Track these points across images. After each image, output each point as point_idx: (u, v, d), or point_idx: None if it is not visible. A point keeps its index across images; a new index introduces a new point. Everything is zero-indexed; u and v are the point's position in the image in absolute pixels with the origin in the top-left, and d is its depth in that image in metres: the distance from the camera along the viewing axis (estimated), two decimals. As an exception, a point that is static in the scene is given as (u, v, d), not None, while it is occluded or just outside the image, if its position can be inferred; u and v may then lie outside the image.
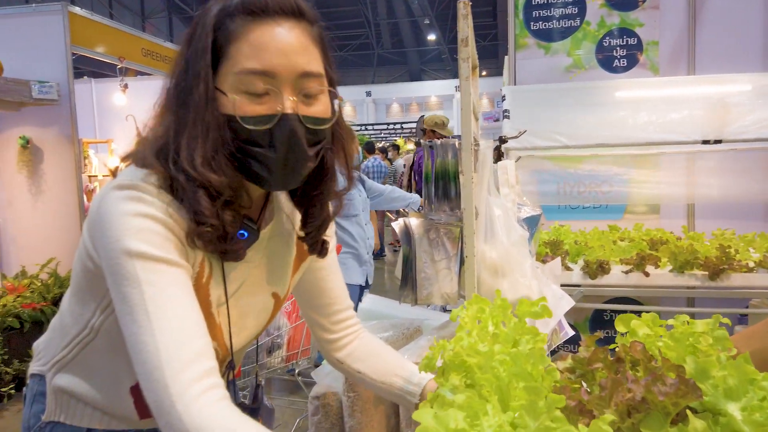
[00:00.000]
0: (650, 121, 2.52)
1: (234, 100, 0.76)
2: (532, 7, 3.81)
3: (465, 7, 1.14)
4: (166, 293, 0.73)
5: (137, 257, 0.73)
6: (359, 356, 1.08)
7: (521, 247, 1.22)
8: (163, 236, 0.76)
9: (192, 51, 0.78)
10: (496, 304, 0.91)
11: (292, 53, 0.78)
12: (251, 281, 0.93)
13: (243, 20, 0.77)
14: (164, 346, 0.70)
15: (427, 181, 1.25)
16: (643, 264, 2.62)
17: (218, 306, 0.87)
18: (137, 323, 0.72)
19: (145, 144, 0.82)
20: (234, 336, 0.91)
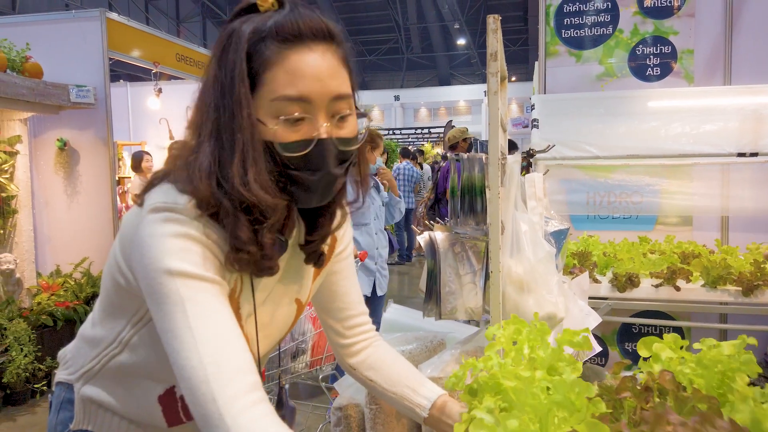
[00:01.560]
0: (683, 132, 2.47)
1: (274, 130, 0.78)
2: (564, 14, 3.77)
3: (495, 21, 1.14)
4: (208, 310, 0.75)
5: (178, 276, 0.75)
6: (372, 364, 1.09)
7: (548, 263, 1.21)
8: (202, 255, 0.78)
9: (227, 75, 0.79)
10: (533, 327, 0.90)
11: (326, 78, 0.80)
12: (276, 290, 0.95)
13: (277, 46, 0.78)
14: (210, 361, 0.72)
15: (453, 194, 1.24)
16: (674, 278, 2.56)
17: (247, 317, 0.90)
18: (180, 340, 0.74)
19: (183, 166, 0.82)
20: (260, 344, 0.93)
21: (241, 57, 0.78)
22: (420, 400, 1.02)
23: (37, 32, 4.42)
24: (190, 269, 0.76)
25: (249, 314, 0.90)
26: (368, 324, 1.13)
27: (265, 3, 0.81)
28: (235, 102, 0.77)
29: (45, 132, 4.53)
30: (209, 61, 0.83)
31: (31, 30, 4.46)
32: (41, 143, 4.55)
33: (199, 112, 0.82)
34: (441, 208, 5.54)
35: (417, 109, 27.89)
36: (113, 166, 4.56)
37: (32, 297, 4.22)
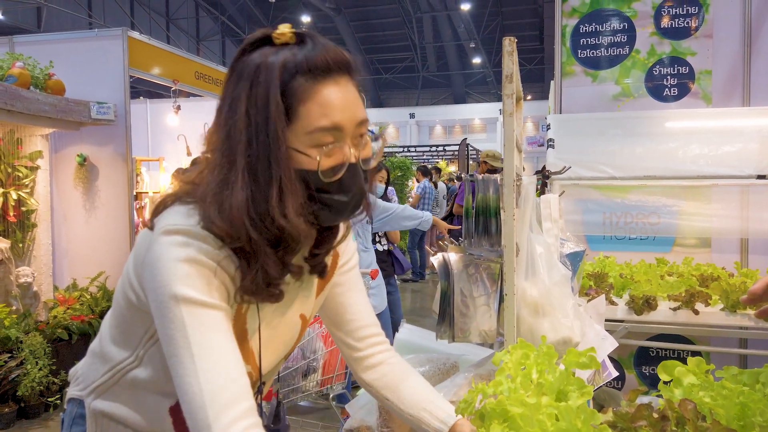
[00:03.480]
0: (702, 154, 2.44)
1: (318, 159, 0.82)
2: (580, 34, 3.78)
3: (510, 43, 1.14)
4: (209, 338, 0.79)
5: (183, 302, 0.79)
6: (388, 383, 1.09)
7: (563, 286, 1.19)
8: (208, 281, 0.81)
9: (259, 111, 0.81)
10: (541, 351, 0.89)
11: (352, 106, 0.85)
12: (281, 306, 0.97)
13: (307, 81, 0.82)
14: (207, 388, 0.77)
15: (467, 215, 1.24)
16: (693, 301, 2.51)
17: (252, 334, 0.92)
18: (183, 365, 0.78)
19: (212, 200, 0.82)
20: (264, 359, 0.95)
21: (275, 93, 0.81)
22: (437, 425, 1.02)
23: (60, 50, 4.53)
24: (196, 296, 0.80)
25: (255, 330, 0.92)
26: (380, 336, 1.13)
27: (282, 36, 0.84)
28: (272, 138, 0.80)
29: (65, 147, 4.61)
30: (230, 90, 0.84)
31: (55, 48, 4.57)
32: (61, 158, 4.62)
33: (224, 144, 0.83)
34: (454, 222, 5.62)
35: (432, 126, 27.99)
36: (131, 182, 4.62)
37: (49, 310, 4.27)
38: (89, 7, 20.22)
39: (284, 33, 0.84)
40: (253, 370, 0.94)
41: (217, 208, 0.81)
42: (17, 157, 4.26)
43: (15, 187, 4.23)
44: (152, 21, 23.43)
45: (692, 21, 3.57)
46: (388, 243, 4.11)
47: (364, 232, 3.52)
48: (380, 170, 3.93)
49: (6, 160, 4.20)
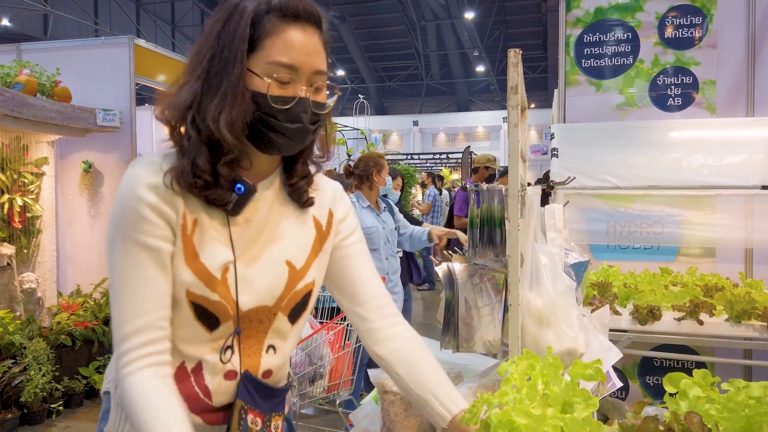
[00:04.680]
0: (706, 164, 2.44)
1: (268, 83, 0.94)
2: (584, 44, 3.79)
3: (515, 55, 1.15)
4: (130, 273, 0.93)
5: (119, 238, 0.94)
6: (400, 359, 1.10)
7: (568, 297, 1.19)
8: (145, 219, 0.93)
9: (229, 34, 0.94)
10: (546, 362, 0.89)
11: (312, 54, 0.97)
12: (260, 244, 1.02)
13: (278, 20, 0.95)
14: (118, 316, 0.93)
15: (472, 225, 1.24)
16: (697, 311, 2.51)
17: (218, 263, 0.97)
18: (112, 291, 0.95)
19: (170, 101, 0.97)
20: (242, 294, 0.99)
21: (246, 22, 0.94)
22: (441, 410, 1.04)
23: (66, 57, 4.56)
24: (128, 233, 0.93)
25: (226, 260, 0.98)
26: (392, 308, 1.15)
27: None
28: (231, 56, 0.93)
29: (71, 154, 4.64)
30: (211, 21, 0.98)
31: (61, 55, 4.60)
32: (67, 165, 4.65)
33: (192, 61, 0.97)
34: None
35: (435, 134, 28.02)
36: (136, 188, 4.63)
37: (52, 316, 4.27)
38: (95, 14, 20.37)
39: None
40: (228, 304, 0.98)
41: (172, 102, 0.96)
42: (23, 164, 4.29)
43: (20, 193, 4.25)
44: (158, 28, 23.59)
45: (696, 31, 3.58)
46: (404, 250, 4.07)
47: (392, 238, 3.55)
48: (395, 178, 3.94)
49: (12, 167, 4.22)
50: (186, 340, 0.99)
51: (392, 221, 3.62)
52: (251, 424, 1.01)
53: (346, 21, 24.72)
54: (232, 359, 1.01)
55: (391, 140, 27.25)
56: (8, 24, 16.86)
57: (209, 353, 1.00)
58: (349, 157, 9.07)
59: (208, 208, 0.98)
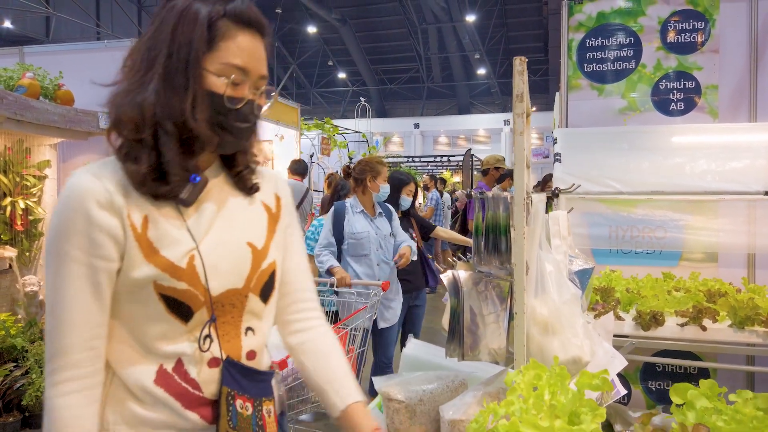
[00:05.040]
0: (709, 170, 2.44)
1: (225, 83, 0.99)
2: (586, 48, 3.79)
3: (521, 63, 1.15)
4: (63, 288, 0.94)
5: (54, 253, 0.95)
6: (308, 349, 1.18)
7: (573, 305, 1.19)
8: (83, 234, 0.94)
9: (185, 35, 0.97)
10: (553, 372, 0.89)
11: (260, 59, 1.04)
12: (218, 229, 1.05)
13: (234, 25, 1.00)
14: (50, 331, 0.95)
15: (477, 232, 1.24)
16: (700, 317, 2.50)
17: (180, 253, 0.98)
18: (47, 304, 0.96)
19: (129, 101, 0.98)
20: (210, 279, 1.00)
21: (203, 23, 0.97)
22: (334, 399, 1.12)
23: (69, 60, 4.57)
24: (63, 248, 0.94)
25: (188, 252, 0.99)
26: (313, 302, 1.21)
27: None
28: (192, 56, 0.97)
29: (73, 157, 4.64)
30: (159, 17, 1.00)
31: (64, 58, 4.61)
32: (69, 168, 4.65)
33: (145, 55, 0.99)
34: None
35: (436, 137, 28.03)
36: (137, 191, 4.63)
37: (54, 319, 4.27)
38: (97, 16, 20.41)
39: None
40: (198, 291, 0.99)
41: (129, 101, 0.97)
42: (25, 167, 4.29)
43: (23, 196, 4.25)
44: (159, 30, 23.58)
45: (698, 36, 3.58)
46: (420, 253, 3.89)
47: (386, 244, 3.46)
48: (408, 183, 3.83)
49: (14, 169, 4.23)
50: (162, 337, 0.99)
51: (388, 227, 3.50)
52: (241, 410, 1.02)
53: (347, 23, 24.75)
54: (212, 347, 1.02)
55: (392, 143, 27.24)
56: (10, 26, 16.90)
57: (187, 346, 1.00)
58: (350, 159, 9.08)
59: (156, 202, 0.99)
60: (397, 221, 3.58)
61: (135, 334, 1.00)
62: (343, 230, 3.42)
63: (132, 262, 0.96)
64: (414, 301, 3.78)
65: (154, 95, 0.96)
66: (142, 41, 1.01)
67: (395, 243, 3.50)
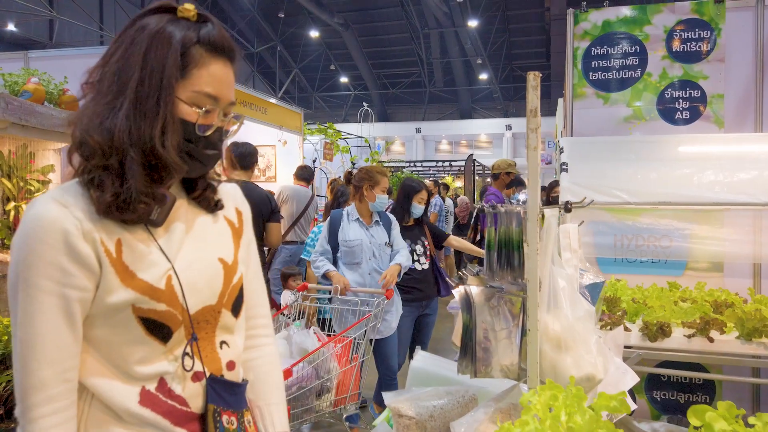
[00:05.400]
0: (717, 180, 2.42)
1: (197, 112, 0.99)
2: (591, 56, 3.79)
3: (535, 78, 1.14)
4: (34, 322, 0.91)
5: (22, 286, 0.91)
6: (251, 367, 1.18)
7: (587, 322, 1.18)
8: (53, 264, 0.90)
9: (158, 60, 0.95)
10: (569, 392, 0.88)
11: (230, 86, 1.04)
12: (189, 248, 1.04)
13: (207, 52, 0.99)
14: (22, 368, 0.91)
15: (489, 247, 1.23)
16: (707, 329, 2.49)
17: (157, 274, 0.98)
18: (15, 340, 0.92)
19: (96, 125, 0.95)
20: (188, 297, 1.00)
21: (176, 50, 0.96)
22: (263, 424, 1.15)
23: (74, 65, 4.54)
24: (31, 278, 0.90)
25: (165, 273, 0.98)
26: (266, 319, 1.22)
27: (186, 12, 1.00)
28: (165, 83, 0.95)
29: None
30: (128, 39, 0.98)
31: (69, 63, 4.62)
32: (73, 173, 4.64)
33: (114, 78, 0.97)
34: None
35: (438, 141, 28.05)
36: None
37: (56, 324, 4.26)
38: (101, 20, 20.45)
39: (189, 10, 1.00)
40: (176, 311, 0.98)
41: (98, 125, 0.95)
42: (29, 171, 4.28)
43: (26, 200, 4.24)
44: (162, 34, 23.63)
45: (704, 45, 3.58)
46: (432, 261, 3.82)
47: (381, 253, 3.41)
48: (419, 191, 3.78)
49: (18, 174, 4.22)
50: (143, 360, 0.98)
51: (385, 236, 3.43)
52: (227, 425, 1.04)
53: (350, 28, 24.80)
54: (194, 365, 1.02)
55: (393, 147, 27.25)
56: (14, 29, 16.94)
57: (168, 365, 1.00)
58: (353, 165, 9.07)
59: (126, 225, 0.97)
60: (396, 231, 3.50)
61: (111, 358, 0.97)
62: (338, 237, 3.41)
63: (108, 288, 0.94)
64: (424, 310, 3.75)
65: (124, 121, 0.94)
66: (110, 61, 0.99)
67: (392, 253, 3.45)
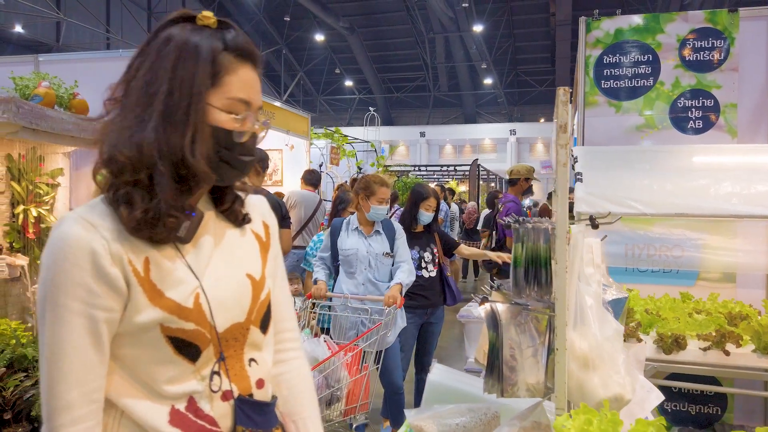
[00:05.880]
0: (734, 192, 2.40)
1: (233, 118, 0.99)
2: (603, 65, 3.77)
3: (565, 93, 1.12)
4: (62, 342, 0.89)
5: (50, 306, 0.89)
6: (283, 381, 1.17)
7: (615, 341, 1.16)
8: (81, 285, 0.89)
9: (187, 70, 0.95)
10: (604, 417, 0.86)
11: (259, 91, 1.04)
12: (217, 264, 1.03)
13: (235, 58, 1.00)
14: (49, 388, 0.90)
15: (516, 264, 1.21)
16: (723, 342, 2.47)
17: (185, 292, 0.96)
18: (42, 360, 0.91)
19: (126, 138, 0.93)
20: (216, 316, 0.99)
21: (206, 60, 0.96)
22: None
23: (84, 69, 4.57)
24: (60, 299, 0.89)
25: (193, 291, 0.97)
26: (294, 332, 1.21)
27: (207, 20, 0.99)
28: (195, 92, 0.95)
29: (86, 166, 4.63)
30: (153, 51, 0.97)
31: (79, 67, 4.61)
32: (81, 176, 4.64)
33: (141, 91, 0.96)
34: None
35: (442, 146, 28.03)
36: (149, 201, 4.61)
37: (63, 328, 4.24)
38: (107, 22, 20.53)
39: (209, 17, 0.99)
40: (204, 330, 0.97)
41: (127, 140, 0.93)
42: (38, 174, 4.29)
43: (35, 204, 4.24)
44: (168, 37, 23.71)
45: (718, 54, 3.56)
46: (440, 269, 3.75)
47: (378, 263, 3.31)
48: (426, 198, 3.74)
49: (27, 177, 4.22)
50: (172, 380, 0.97)
51: (386, 246, 3.32)
52: None
53: (355, 32, 24.83)
54: (222, 384, 1.01)
55: (398, 152, 27.25)
56: (21, 31, 17.00)
57: (197, 384, 0.99)
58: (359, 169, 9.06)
59: (154, 243, 0.96)
60: (401, 240, 3.39)
61: (140, 377, 0.96)
62: (337, 246, 3.38)
63: (136, 307, 0.93)
64: (429, 318, 3.69)
65: (153, 134, 0.93)
66: (136, 75, 0.97)
67: (393, 266, 3.35)
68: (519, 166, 5.32)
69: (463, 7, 20.91)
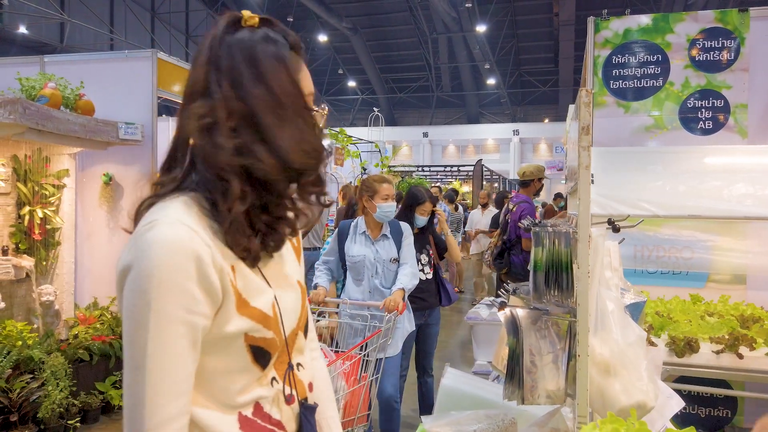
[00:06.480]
0: (747, 194, 2.37)
1: (317, 113, 1.00)
2: (612, 65, 3.74)
3: (587, 95, 1.10)
4: (165, 352, 0.84)
5: (153, 314, 0.83)
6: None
7: (638, 348, 1.14)
8: (188, 293, 0.84)
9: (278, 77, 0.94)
10: (631, 427, 0.84)
11: None
12: (279, 271, 1.02)
13: (296, 55, 1.00)
14: (147, 400, 0.83)
15: (536, 269, 1.19)
16: (737, 345, 2.44)
17: (267, 301, 0.96)
18: (135, 372, 0.84)
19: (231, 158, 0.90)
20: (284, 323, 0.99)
21: (285, 63, 0.95)
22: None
23: (89, 70, 4.55)
24: (164, 307, 0.83)
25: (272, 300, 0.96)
26: (314, 341, 1.19)
27: (252, 20, 0.98)
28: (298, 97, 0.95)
29: (92, 166, 4.62)
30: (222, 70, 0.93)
31: (85, 68, 4.60)
32: (87, 177, 4.63)
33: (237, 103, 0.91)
34: (512, 257, 5.03)
35: (445, 146, 28.00)
36: (155, 202, 4.60)
37: (69, 329, 4.24)
38: (111, 23, 20.55)
39: (253, 17, 0.98)
40: (278, 337, 0.96)
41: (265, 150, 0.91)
42: (44, 175, 4.28)
43: (41, 205, 4.23)
44: (172, 38, 23.76)
45: (728, 54, 3.53)
46: (435, 271, 3.74)
47: (386, 270, 3.25)
48: (422, 203, 3.68)
49: (33, 178, 4.21)
50: (243, 390, 0.95)
51: (393, 251, 3.26)
52: None
53: (358, 33, 24.82)
54: (285, 388, 1.01)
55: (401, 152, 27.22)
56: (26, 32, 17.03)
57: (262, 390, 0.98)
58: (363, 170, 9.03)
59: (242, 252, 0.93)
60: (408, 241, 3.33)
61: (208, 386, 0.92)
62: (344, 251, 3.32)
63: (227, 316, 0.89)
64: (427, 320, 3.66)
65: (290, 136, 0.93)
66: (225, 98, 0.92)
67: (398, 269, 3.27)
68: (531, 167, 5.26)
69: (466, 7, 20.88)
